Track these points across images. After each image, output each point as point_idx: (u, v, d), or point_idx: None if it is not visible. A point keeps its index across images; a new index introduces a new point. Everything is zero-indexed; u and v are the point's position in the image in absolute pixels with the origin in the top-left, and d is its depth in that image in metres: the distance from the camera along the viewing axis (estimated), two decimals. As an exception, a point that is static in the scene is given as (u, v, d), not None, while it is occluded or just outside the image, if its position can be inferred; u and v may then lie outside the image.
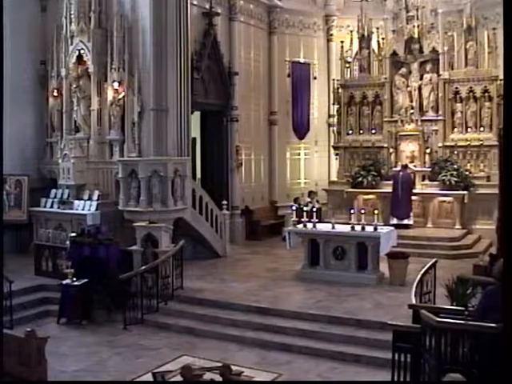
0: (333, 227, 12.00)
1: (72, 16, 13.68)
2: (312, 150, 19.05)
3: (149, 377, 7.86)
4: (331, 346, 8.86)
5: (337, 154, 17.67)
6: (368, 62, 17.25)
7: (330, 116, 18.90)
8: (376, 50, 17.14)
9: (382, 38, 17.01)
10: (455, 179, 15.26)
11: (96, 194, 12.86)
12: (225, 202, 14.47)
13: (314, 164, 19.08)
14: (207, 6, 15.18)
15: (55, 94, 14.33)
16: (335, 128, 17.81)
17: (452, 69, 16.25)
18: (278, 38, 18.21)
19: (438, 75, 16.19)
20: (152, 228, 11.61)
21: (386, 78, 16.73)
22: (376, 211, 12.47)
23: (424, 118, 16.26)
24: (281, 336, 9.36)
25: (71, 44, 13.80)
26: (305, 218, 12.20)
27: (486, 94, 15.73)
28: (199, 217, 13.49)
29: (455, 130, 16.16)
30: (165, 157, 12.79)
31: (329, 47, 19.10)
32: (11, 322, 9.52)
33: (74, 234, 11.62)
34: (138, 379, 8.05)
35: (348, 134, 17.24)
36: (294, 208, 13.76)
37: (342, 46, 17.43)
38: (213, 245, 13.89)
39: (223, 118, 16.06)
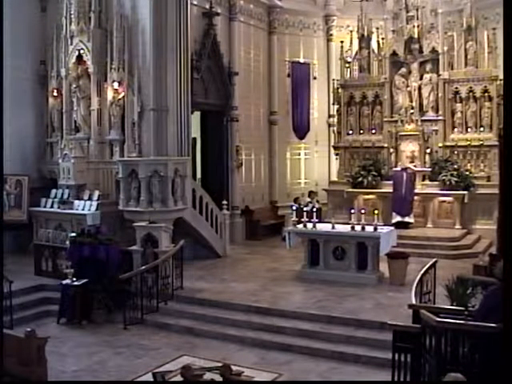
0: (333, 227, 12.00)
1: (72, 16, 13.69)
2: (312, 150, 19.05)
3: (149, 377, 7.85)
4: (331, 346, 8.87)
5: (337, 154, 17.67)
6: (368, 62, 17.25)
7: (330, 116, 18.91)
8: (376, 50, 17.13)
9: (382, 38, 17.01)
10: (455, 179, 15.27)
11: (96, 193, 12.86)
12: (225, 202, 14.46)
13: (314, 164, 19.08)
14: (207, 6, 15.18)
15: (55, 94, 14.33)
16: (335, 128, 17.82)
17: (452, 69, 16.26)
18: (278, 38, 18.21)
19: (438, 75, 16.19)
20: (152, 228, 11.61)
21: (385, 78, 16.73)
22: (376, 211, 12.47)
23: (424, 118, 16.26)
24: (281, 336, 9.36)
25: (71, 44, 13.80)
26: (305, 218, 12.20)
27: (486, 94, 15.74)
28: (199, 217, 13.49)
29: (455, 130, 16.16)
30: (165, 157, 12.79)
31: (329, 47, 19.09)
32: (11, 322, 9.51)
33: (74, 234, 11.61)
34: (138, 379, 8.05)
35: (348, 134, 17.24)
36: (294, 208, 13.76)
37: (342, 46, 17.43)
38: (213, 245, 13.89)
39: (223, 118, 16.06)
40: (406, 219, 15.34)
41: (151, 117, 13.04)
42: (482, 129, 15.78)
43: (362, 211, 12.29)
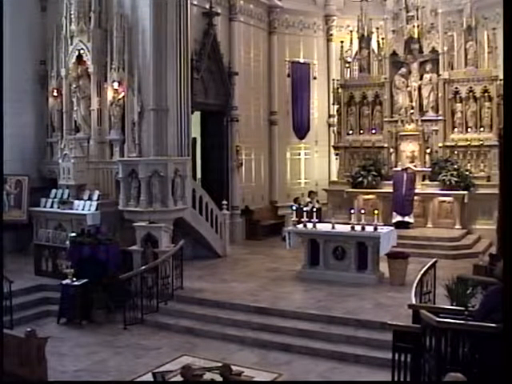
0: (333, 227, 11.99)
1: (72, 16, 13.69)
2: (312, 150, 19.05)
3: (149, 377, 7.85)
4: (331, 346, 8.86)
5: (337, 154, 17.67)
6: (368, 62, 17.25)
7: (330, 116, 18.91)
8: (376, 50, 17.13)
9: (382, 38, 16.99)
10: (455, 179, 15.26)
11: (96, 193, 12.86)
12: (225, 202, 14.47)
13: (314, 164, 19.08)
14: (207, 6, 15.18)
15: (55, 94, 14.33)
16: (335, 128, 17.82)
17: (452, 69, 16.26)
18: (278, 38, 18.21)
19: (438, 75, 16.20)
20: (152, 228, 11.62)
21: (385, 78, 16.73)
22: (376, 211, 12.48)
23: (424, 118, 16.26)
24: (281, 336, 9.36)
25: (71, 44, 13.80)
26: (305, 218, 12.20)
27: (486, 94, 15.73)
28: (199, 217, 13.49)
29: (455, 129, 16.16)
30: (165, 157, 12.79)
31: (329, 47, 19.10)
32: (11, 322, 9.51)
33: (74, 234, 11.62)
34: (138, 379, 8.05)
35: (348, 134, 17.24)
36: (294, 208, 13.75)
37: (342, 46, 17.42)
38: (213, 245, 13.89)
39: (223, 117, 16.06)
40: (407, 219, 15.37)
41: (151, 117, 13.04)
42: (481, 129, 15.78)
43: (362, 211, 12.30)
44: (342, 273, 11.61)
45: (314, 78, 18.84)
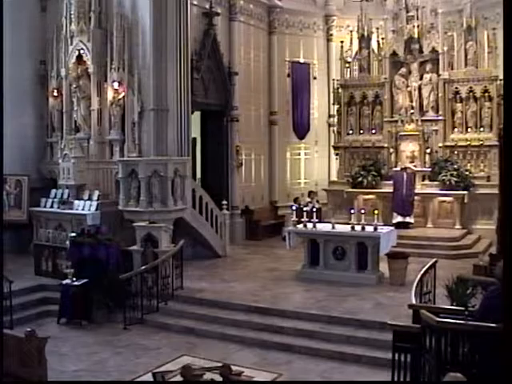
0: (333, 227, 12.00)
1: (72, 16, 13.69)
2: (312, 149, 19.06)
3: (149, 377, 7.85)
4: (331, 346, 8.87)
5: (337, 154, 17.68)
6: (368, 61, 17.25)
7: (330, 116, 18.91)
8: (376, 50, 17.14)
9: (382, 38, 17.00)
10: (455, 179, 15.27)
11: (96, 194, 12.84)
12: (225, 202, 14.47)
13: (314, 164, 19.09)
14: (207, 6, 15.19)
15: (55, 93, 14.33)
16: (335, 128, 17.83)
17: (452, 69, 16.26)
18: (278, 38, 18.22)
19: (438, 75, 16.20)
20: (152, 228, 11.61)
21: (385, 78, 16.73)
22: (376, 211, 12.48)
23: (424, 118, 16.27)
24: (281, 336, 9.36)
25: (71, 44, 13.81)
26: (305, 218, 12.20)
27: (486, 94, 15.74)
28: (199, 217, 13.49)
29: (455, 130, 16.17)
30: (165, 157, 12.79)
31: (329, 47, 19.10)
32: (11, 322, 9.52)
33: (73, 234, 11.61)
34: (138, 379, 8.06)
35: (348, 134, 17.24)
36: (294, 208, 13.75)
37: (342, 46, 17.43)
38: (213, 245, 13.89)
39: (223, 118, 16.07)
40: (407, 219, 15.37)
41: (151, 117, 13.04)
42: (481, 129, 15.78)
43: (362, 211, 12.29)
44: (341, 273, 11.62)
45: (314, 78, 18.84)
